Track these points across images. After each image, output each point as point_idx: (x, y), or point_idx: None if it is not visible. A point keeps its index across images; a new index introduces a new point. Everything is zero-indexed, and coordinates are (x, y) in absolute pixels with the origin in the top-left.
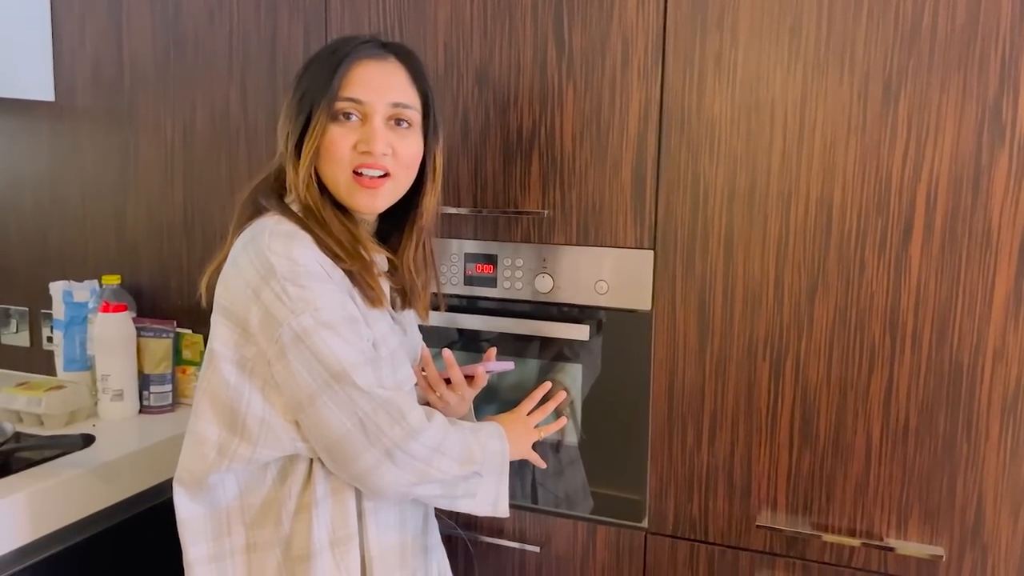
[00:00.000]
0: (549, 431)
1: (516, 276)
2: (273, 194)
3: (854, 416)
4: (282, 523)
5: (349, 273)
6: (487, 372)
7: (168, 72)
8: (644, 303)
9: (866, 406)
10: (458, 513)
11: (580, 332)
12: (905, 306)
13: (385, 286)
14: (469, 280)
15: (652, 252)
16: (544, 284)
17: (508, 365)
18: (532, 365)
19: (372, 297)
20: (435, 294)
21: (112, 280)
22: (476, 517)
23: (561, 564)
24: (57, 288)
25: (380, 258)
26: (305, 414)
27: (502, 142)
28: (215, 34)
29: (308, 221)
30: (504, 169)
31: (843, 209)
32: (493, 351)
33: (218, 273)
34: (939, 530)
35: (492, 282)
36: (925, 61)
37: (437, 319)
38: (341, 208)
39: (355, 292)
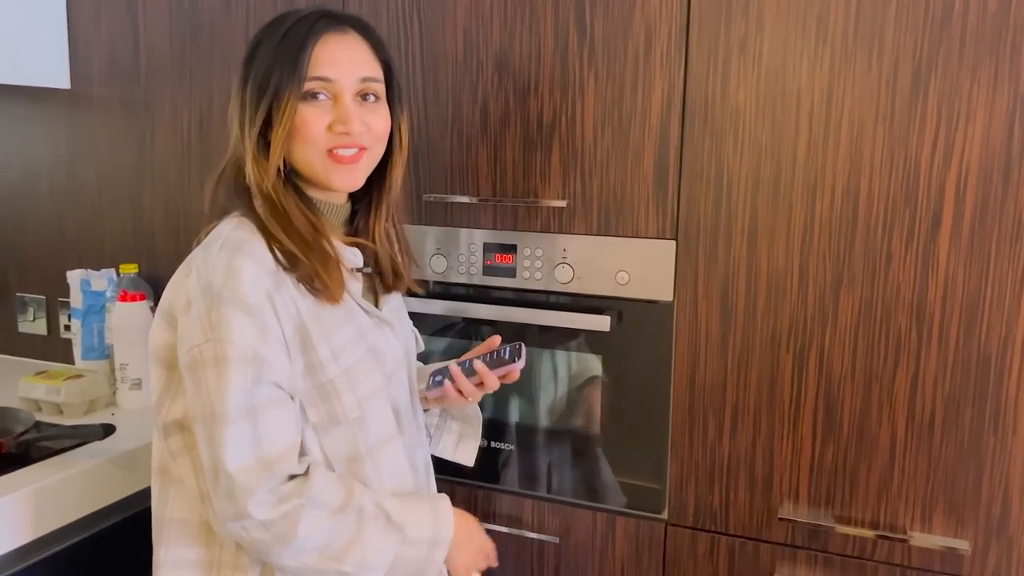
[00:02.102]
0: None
1: (536, 266)
2: (235, 191)
3: (879, 408)
4: None
5: (301, 277)
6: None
7: (184, 60)
8: (666, 294)
9: (891, 398)
10: (476, 500)
11: (600, 323)
12: (932, 297)
13: (357, 283)
14: (488, 270)
15: (674, 242)
16: (564, 274)
17: (522, 352)
18: (552, 356)
19: (327, 295)
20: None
21: (129, 269)
22: (492, 506)
23: (580, 555)
24: (74, 277)
25: (352, 252)
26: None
27: (522, 130)
28: (231, 22)
29: (266, 215)
30: (524, 158)
31: (870, 199)
32: (497, 339)
33: None
34: (964, 524)
35: (511, 272)
36: (956, 48)
37: (455, 309)
38: (305, 198)
39: (306, 299)
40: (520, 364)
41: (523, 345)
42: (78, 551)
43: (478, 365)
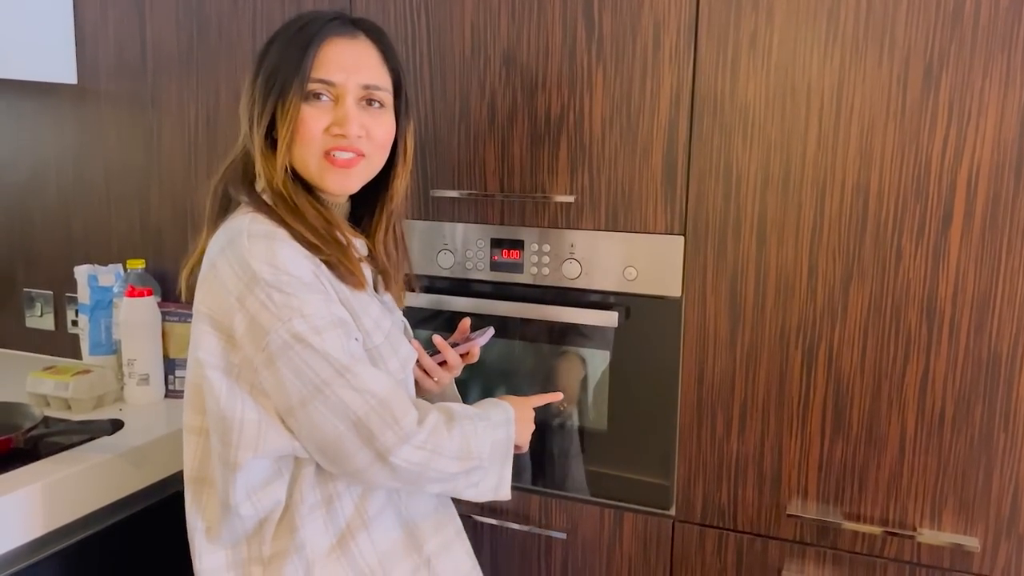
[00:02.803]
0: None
1: (543, 262)
2: (243, 183)
3: (888, 406)
4: (296, 528)
5: (328, 263)
6: (480, 347)
7: (191, 56)
8: (674, 290)
9: (901, 396)
10: None
11: (608, 319)
12: (943, 295)
13: (367, 270)
14: (495, 266)
15: (682, 238)
16: (572, 270)
17: (489, 332)
18: (559, 352)
19: (354, 282)
20: (407, 276)
21: (137, 264)
22: (499, 502)
23: (587, 551)
24: (82, 272)
25: (359, 242)
26: (295, 419)
27: (530, 126)
28: (238, 18)
29: (281, 211)
30: (532, 153)
31: (880, 196)
32: (467, 321)
33: (197, 268)
34: (974, 521)
35: (519, 268)
36: (967, 44)
37: (461, 304)
38: (312, 193)
39: (339, 283)
40: (479, 341)
41: (491, 328)
42: (87, 546)
43: (436, 339)
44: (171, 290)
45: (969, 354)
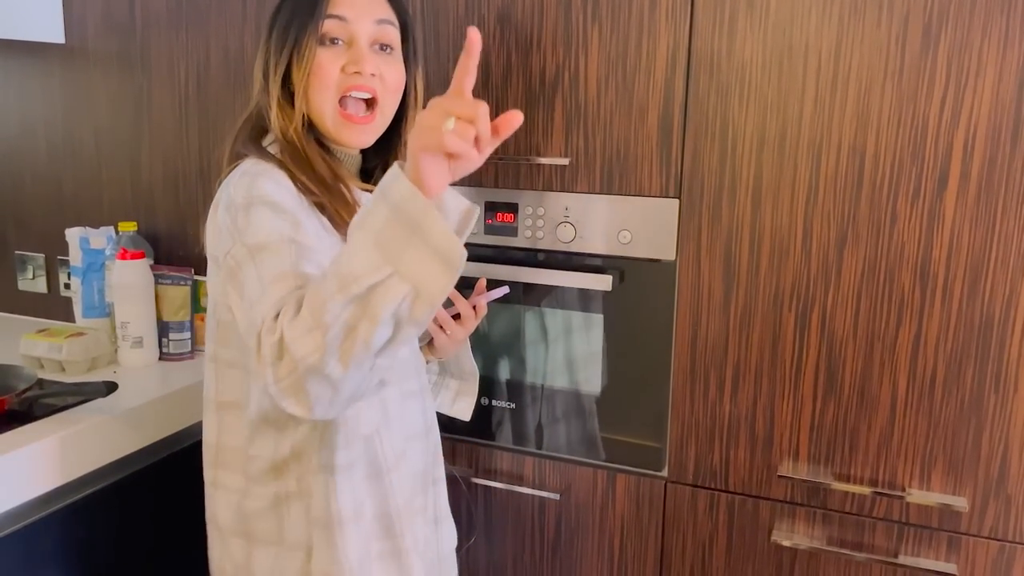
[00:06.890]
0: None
1: (538, 225)
2: (251, 141)
3: (880, 368)
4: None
5: (320, 205)
6: (488, 301)
7: (181, 13)
8: (668, 253)
9: (893, 358)
10: (477, 457)
11: (602, 282)
12: (937, 257)
13: None
14: (489, 229)
15: (677, 201)
16: (566, 233)
17: (504, 289)
18: (553, 315)
19: (345, 231)
20: None
21: (129, 227)
22: (493, 463)
23: (581, 512)
24: (73, 235)
25: (368, 197)
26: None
27: (524, 86)
28: None
29: (288, 159)
30: (526, 115)
31: (876, 157)
32: (484, 281)
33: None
34: (963, 481)
35: (513, 231)
36: (967, 4)
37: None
38: (323, 146)
39: (325, 221)
40: (489, 296)
41: (505, 287)
42: (81, 508)
43: (452, 293)
44: (163, 252)
45: (962, 317)
